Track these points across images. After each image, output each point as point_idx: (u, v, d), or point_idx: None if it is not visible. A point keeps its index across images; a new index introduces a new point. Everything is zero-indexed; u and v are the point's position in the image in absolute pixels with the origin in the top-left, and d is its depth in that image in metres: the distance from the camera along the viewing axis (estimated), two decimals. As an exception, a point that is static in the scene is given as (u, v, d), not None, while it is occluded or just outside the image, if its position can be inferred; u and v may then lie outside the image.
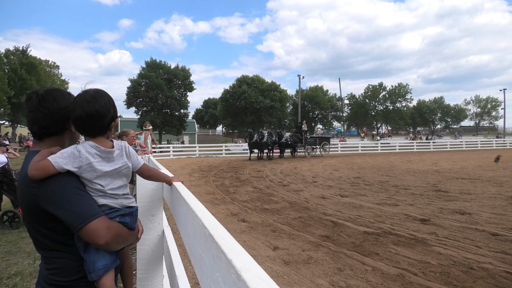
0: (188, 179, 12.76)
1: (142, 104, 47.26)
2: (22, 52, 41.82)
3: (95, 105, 1.34)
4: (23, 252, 4.94)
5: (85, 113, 1.32)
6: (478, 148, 34.05)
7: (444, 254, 4.45)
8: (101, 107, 1.35)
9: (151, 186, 2.11)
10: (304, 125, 25.54)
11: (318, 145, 25.50)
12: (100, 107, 1.35)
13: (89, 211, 1.26)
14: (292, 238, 5.35)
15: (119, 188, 1.44)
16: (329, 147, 27.21)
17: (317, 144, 25.47)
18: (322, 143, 25.99)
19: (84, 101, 1.33)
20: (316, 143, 25.43)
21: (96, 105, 1.34)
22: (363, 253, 4.58)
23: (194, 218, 1.03)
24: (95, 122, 1.36)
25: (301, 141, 24.17)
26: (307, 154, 24.34)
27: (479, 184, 10.38)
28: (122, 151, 1.48)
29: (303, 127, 24.80)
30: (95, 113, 1.34)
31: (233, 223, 6.32)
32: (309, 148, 24.63)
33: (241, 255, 0.67)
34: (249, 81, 54.46)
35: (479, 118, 73.79)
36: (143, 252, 2.13)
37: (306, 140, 24.44)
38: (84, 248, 1.32)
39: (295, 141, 23.89)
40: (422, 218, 6.30)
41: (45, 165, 1.25)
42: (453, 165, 17.10)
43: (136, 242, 1.59)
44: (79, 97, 1.36)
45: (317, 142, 25.58)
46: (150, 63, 47.60)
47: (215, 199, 8.68)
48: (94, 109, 1.33)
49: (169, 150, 26.87)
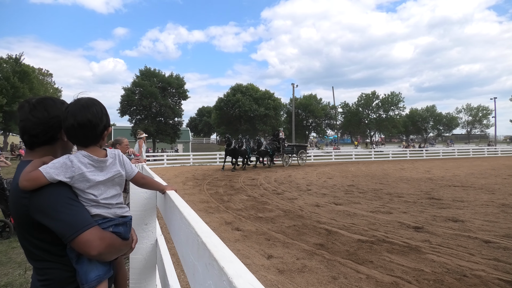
0: (182, 188, 12.69)
1: (136, 112, 47.11)
2: (15, 60, 41.59)
3: (87, 114, 1.33)
4: (13, 263, 4.85)
5: (77, 122, 1.31)
6: (470, 156, 34.41)
7: (438, 262, 4.47)
8: (93, 116, 1.34)
9: (145, 195, 2.11)
10: (282, 133, 24.41)
11: (295, 154, 24.53)
12: (92, 116, 1.34)
13: (81, 221, 1.25)
14: (286, 246, 5.33)
15: (113, 197, 1.43)
16: (306, 156, 26.32)
17: (294, 153, 24.51)
18: (299, 151, 24.89)
19: (76, 110, 1.32)
20: (293, 152, 24.45)
21: (88, 114, 1.33)
22: (357, 261, 4.57)
23: (187, 226, 1.03)
24: (87, 132, 1.34)
25: (279, 149, 23.11)
26: (285, 163, 23.25)
27: (471, 192, 10.47)
28: (115, 160, 1.47)
29: (280, 135, 23.62)
30: (87, 122, 1.32)
31: (227, 231, 6.28)
32: (286, 157, 23.57)
33: (234, 262, 0.67)
34: (243, 89, 54.67)
35: (471, 126, 74.57)
36: (136, 261, 2.11)
37: (284, 148, 23.34)
38: (77, 259, 1.31)
39: (273, 149, 22.96)
40: (415, 225, 6.33)
41: (36, 175, 1.24)
42: (445, 172, 17.24)
43: (130, 252, 1.58)
44: (71, 106, 1.35)
45: (294, 150, 24.57)
46: (144, 71, 47.62)
47: (209, 208, 8.64)
48: (86, 118, 1.32)
49: (163, 159, 26.73)
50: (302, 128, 64.17)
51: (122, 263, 1.63)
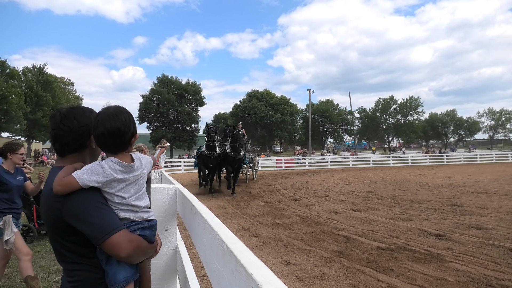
0: (199, 193, 12.78)
1: (154, 119, 47.96)
2: (39, 69, 43.09)
3: (117, 123, 1.37)
4: (37, 267, 4.98)
5: (107, 131, 1.36)
6: (493, 161, 33.33)
7: (462, 271, 4.33)
8: (122, 124, 1.38)
9: (165, 201, 2.14)
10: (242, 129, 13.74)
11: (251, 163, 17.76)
12: (121, 124, 1.38)
13: (111, 224, 1.29)
14: (304, 253, 5.28)
15: (140, 198, 1.47)
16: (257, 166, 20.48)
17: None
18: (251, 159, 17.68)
19: (105, 119, 1.37)
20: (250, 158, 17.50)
21: (118, 123, 1.37)
22: (378, 269, 4.48)
23: (211, 232, 1.04)
24: (116, 139, 1.39)
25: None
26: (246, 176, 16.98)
27: (495, 198, 10.13)
28: (139, 161, 1.52)
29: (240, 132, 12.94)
30: (116, 130, 1.37)
31: (245, 238, 6.28)
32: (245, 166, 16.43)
33: (261, 269, 0.68)
34: (259, 95, 54.92)
35: (493, 131, 72.45)
36: (157, 266, 2.14)
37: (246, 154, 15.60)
38: (106, 260, 1.35)
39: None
40: (437, 233, 6.17)
41: (69, 181, 1.30)
42: (467, 178, 16.76)
43: (155, 255, 1.61)
44: (101, 114, 1.39)
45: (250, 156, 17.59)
46: (161, 79, 48.51)
47: (226, 214, 8.66)
48: (116, 127, 1.37)
49: (180, 165, 27.02)
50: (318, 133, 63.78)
51: (147, 267, 1.67)
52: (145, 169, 1.55)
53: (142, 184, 1.52)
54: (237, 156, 12.13)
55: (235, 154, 12.06)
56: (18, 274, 4.46)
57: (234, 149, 12.07)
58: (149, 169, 1.62)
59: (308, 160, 30.06)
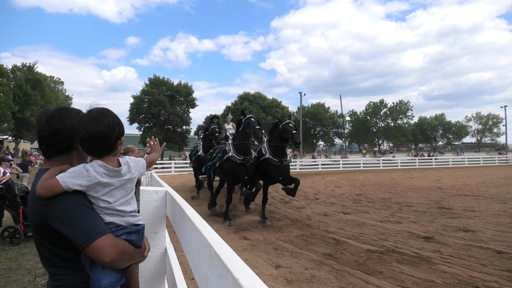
0: (190, 196, 12.71)
1: (145, 120, 47.63)
2: (28, 68, 42.46)
3: (98, 126, 1.35)
4: (23, 269, 4.89)
5: (89, 134, 1.34)
6: (481, 165, 33.88)
7: (449, 273, 4.39)
8: (104, 128, 1.36)
9: (154, 203, 2.12)
10: (231, 123, 12.38)
11: None
12: (103, 127, 1.36)
13: (95, 228, 1.28)
14: (294, 256, 5.29)
15: (127, 203, 1.45)
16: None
17: None
18: None
19: (87, 122, 1.35)
20: None
21: (99, 126, 1.35)
22: (367, 272, 4.52)
23: (199, 236, 1.04)
24: (99, 143, 1.37)
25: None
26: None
27: (482, 201, 10.30)
28: (127, 165, 1.50)
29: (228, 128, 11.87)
30: (98, 134, 1.35)
31: (235, 240, 6.26)
32: None
33: (248, 274, 0.68)
34: (250, 98, 55.00)
35: (481, 135, 73.66)
36: (145, 270, 2.12)
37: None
38: (90, 265, 1.33)
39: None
40: (425, 235, 6.24)
41: (53, 184, 1.28)
42: (455, 181, 17.00)
43: (143, 260, 1.59)
44: (83, 118, 1.38)
45: None
46: (153, 79, 48.24)
47: (217, 217, 8.63)
48: (98, 130, 1.35)
49: (170, 166, 26.84)
50: (310, 136, 64.06)
51: (135, 272, 1.65)
52: (135, 173, 1.53)
53: (130, 188, 1.50)
54: (284, 162, 7.82)
55: (281, 160, 7.75)
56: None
57: (279, 152, 7.78)
58: (141, 172, 1.60)
59: (298, 163, 30.13)
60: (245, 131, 7.38)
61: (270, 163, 7.77)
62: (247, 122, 7.39)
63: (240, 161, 7.49)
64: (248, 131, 7.24)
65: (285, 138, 7.58)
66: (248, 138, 7.30)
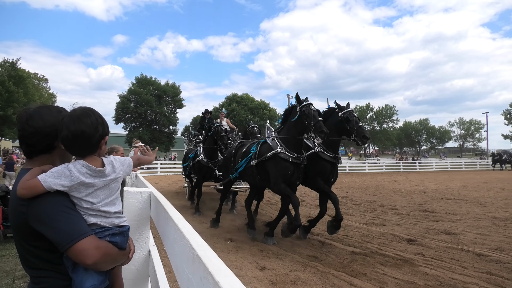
0: (176, 197, 12.62)
1: (131, 120, 47.06)
2: (11, 64, 41.39)
3: (81, 125, 1.33)
4: (1, 272, 4.76)
5: (71, 134, 1.32)
6: (463, 169, 34.67)
7: (431, 275, 4.47)
8: (87, 127, 1.34)
9: (138, 205, 2.10)
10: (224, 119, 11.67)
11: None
12: (86, 126, 1.34)
13: (78, 230, 1.25)
14: (279, 258, 5.30)
15: (111, 204, 1.43)
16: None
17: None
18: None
19: (70, 122, 1.33)
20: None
21: (82, 125, 1.33)
22: (351, 274, 4.56)
23: (182, 238, 1.03)
24: (82, 142, 1.35)
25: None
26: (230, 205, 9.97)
27: (464, 205, 10.53)
28: (112, 165, 1.48)
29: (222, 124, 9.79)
30: (81, 133, 1.33)
31: (220, 242, 6.24)
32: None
33: (229, 277, 0.68)
34: (238, 99, 54.92)
35: (463, 140, 75.37)
36: (128, 272, 2.09)
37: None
38: (73, 267, 1.31)
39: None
40: (408, 238, 6.34)
41: (34, 184, 1.25)
42: (438, 185, 17.34)
43: (128, 262, 1.57)
44: (66, 117, 1.35)
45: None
46: (140, 79, 47.72)
47: (203, 218, 8.58)
48: (80, 129, 1.33)
49: (156, 167, 26.58)
50: (296, 138, 64.24)
51: (119, 274, 1.62)
52: (120, 173, 1.51)
53: (115, 188, 1.48)
54: (339, 160, 6.40)
55: (336, 156, 6.29)
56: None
57: (333, 147, 6.29)
58: (126, 172, 1.58)
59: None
60: (301, 122, 5.66)
61: (322, 158, 6.10)
62: (305, 111, 5.58)
63: (293, 160, 5.73)
64: (306, 123, 5.55)
65: (347, 131, 6.00)
66: (306, 132, 5.66)
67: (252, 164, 6.15)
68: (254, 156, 6.19)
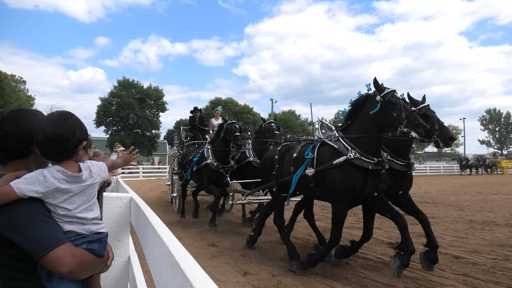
0: (158, 202, 12.45)
1: (113, 123, 46.28)
2: (-14, 66, 40.13)
3: (58, 129, 1.30)
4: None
5: (47, 138, 1.29)
6: (441, 174, 35.58)
7: (410, 277, 4.56)
8: (64, 131, 1.31)
9: (118, 210, 2.07)
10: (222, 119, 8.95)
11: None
12: (63, 130, 1.31)
13: (52, 238, 1.22)
14: (262, 262, 5.30)
15: (88, 210, 1.40)
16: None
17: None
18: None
19: (46, 125, 1.30)
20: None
21: (59, 129, 1.30)
22: (333, 278, 4.60)
23: (161, 244, 1.03)
24: (58, 147, 1.32)
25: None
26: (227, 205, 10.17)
27: (442, 208, 10.79)
28: (89, 170, 1.45)
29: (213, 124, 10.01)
30: (57, 137, 1.30)
31: (203, 247, 6.18)
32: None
33: (207, 284, 0.68)
34: (222, 103, 54.86)
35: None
36: (107, 279, 2.05)
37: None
38: (47, 277, 1.27)
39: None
40: (389, 241, 6.45)
41: (6, 190, 1.21)
42: (418, 189, 17.71)
43: (106, 269, 1.54)
44: (43, 120, 1.32)
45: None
46: (122, 82, 47.04)
47: (185, 223, 8.49)
48: (56, 133, 1.29)
49: (138, 171, 26.18)
50: (280, 143, 64.65)
51: (97, 282, 1.58)
52: (97, 178, 1.49)
53: (92, 194, 1.45)
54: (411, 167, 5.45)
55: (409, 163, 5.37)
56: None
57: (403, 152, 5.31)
58: (103, 177, 1.56)
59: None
60: (384, 115, 4.24)
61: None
62: (392, 100, 4.21)
63: (372, 167, 4.29)
64: (395, 115, 4.09)
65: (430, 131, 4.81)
66: (391, 128, 4.19)
67: (308, 173, 4.69)
68: (310, 164, 4.72)
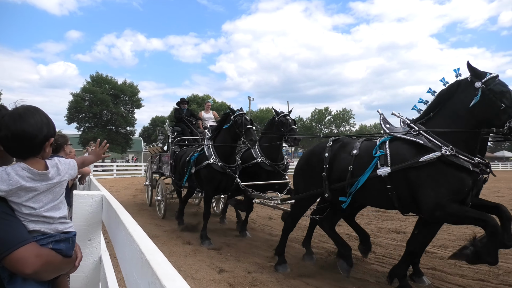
0: (132, 200, 12.21)
1: (85, 119, 44.92)
2: None
3: (23, 125, 1.24)
4: None
5: (11, 133, 1.23)
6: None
7: (382, 272, 4.69)
8: (29, 127, 1.26)
9: (89, 209, 2.01)
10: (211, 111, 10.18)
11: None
12: (28, 126, 1.25)
13: (16, 237, 1.17)
14: (238, 260, 5.30)
15: (55, 209, 1.36)
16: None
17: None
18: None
19: (10, 121, 1.24)
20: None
21: (24, 125, 1.25)
22: (308, 274, 4.66)
23: (132, 243, 1.01)
24: (23, 143, 1.26)
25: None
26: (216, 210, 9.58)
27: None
28: (56, 169, 1.39)
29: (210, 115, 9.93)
30: (22, 133, 1.24)
31: (178, 245, 6.12)
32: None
33: (176, 281, 0.67)
34: (199, 100, 54.32)
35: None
36: (77, 280, 1.99)
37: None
38: (9, 278, 1.21)
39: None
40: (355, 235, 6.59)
41: None
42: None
43: (74, 270, 1.49)
44: (7, 115, 1.26)
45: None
46: (95, 77, 45.68)
47: (160, 222, 8.38)
48: (21, 129, 1.24)
49: (112, 169, 25.57)
50: (257, 140, 64.85)
51: (64, 283, 1.53)
52: (65, 176, 1.44)
53: (59, 192, 1.40)
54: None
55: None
56: None
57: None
58: (71, 175, 1.51)
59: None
60: (486, 107, 3.33)
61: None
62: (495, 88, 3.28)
63: (473, 167, 3.41)
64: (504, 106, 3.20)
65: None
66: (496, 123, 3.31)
67: (381, 174, 3.83)
68: (383, 162, 3.90)
